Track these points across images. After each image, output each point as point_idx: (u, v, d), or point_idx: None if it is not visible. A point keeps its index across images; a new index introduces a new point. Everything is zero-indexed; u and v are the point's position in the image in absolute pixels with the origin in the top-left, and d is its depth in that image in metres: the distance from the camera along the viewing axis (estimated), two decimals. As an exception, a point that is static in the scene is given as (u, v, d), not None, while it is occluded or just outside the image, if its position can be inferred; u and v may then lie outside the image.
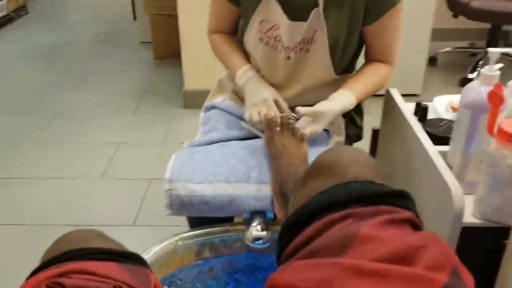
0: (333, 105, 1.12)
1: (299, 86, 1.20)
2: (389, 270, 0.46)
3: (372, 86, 1.20)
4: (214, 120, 1.27)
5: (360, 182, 0.57)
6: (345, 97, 1.13)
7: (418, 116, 1.22)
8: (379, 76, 1.21)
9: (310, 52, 1.15)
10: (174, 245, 1.02)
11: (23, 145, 2.41)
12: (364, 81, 1.19)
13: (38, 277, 0.54)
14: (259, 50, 1.19)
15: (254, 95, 1.16)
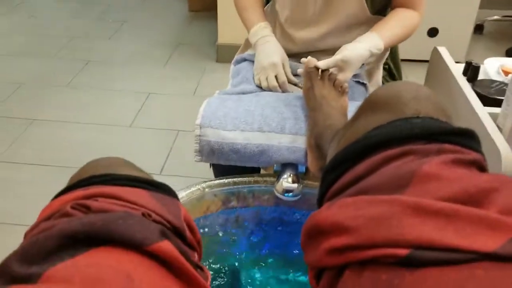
0: (359, 47, 1.05)
1: (329, 24, 1.14)
2: (458, 210, 0.40)
3: (401, 33, 1.12)
4: (244, 72, 1.22)
5: (423, 119, 0.50)
6: (372, 40, 1.07)
7: (468, 76, 1.14)
8: (408, 23, 1.13)
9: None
10: (202, 192, 0.99)
11: (55, 89, 2.41)
12: (392, 26, 1.11)
13: (64, 198, 0.51)
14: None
15: (264, 58, 1.14)
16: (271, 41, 1.15)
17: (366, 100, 0.59)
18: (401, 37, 1.13)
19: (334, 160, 0.53)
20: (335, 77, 1.02)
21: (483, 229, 0.40)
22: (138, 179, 0.55)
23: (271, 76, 1.11)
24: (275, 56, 1.12)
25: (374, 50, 1.06)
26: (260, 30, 1.16)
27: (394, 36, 1.11)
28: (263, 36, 1.15)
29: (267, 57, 1.13)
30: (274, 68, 1.12)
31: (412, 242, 0.40)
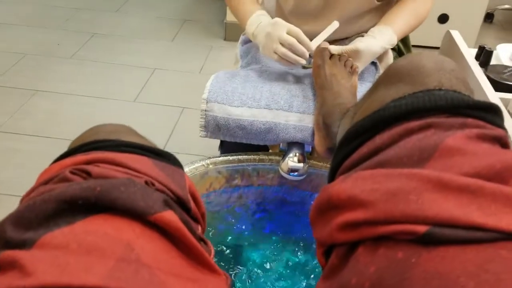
0: (373, 43, 1.02)
1: (335, 16, 1.10)
2: (483, 187, 0.38)
3: (413, 21, 1.09)
4: (254, 51, 1.20)
5: (446, 91, 0.48)
6: (386, 35, 1.04)
7: (481, 60, 1.12)
8: (421, 11, 1.09)
9: None
10: (205, 168, 0.98)
11: (60, 60, 2.39)
12: (405, 16, 1.07)
13: (63, 163, 0.49)
14: None
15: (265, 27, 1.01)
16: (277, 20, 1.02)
17: (386, 71, 0.56)
18: (414, 26, 1.10)
19: (350, 131, 0.50)
20: (346, 57, 1.00)
21: (509, 207, 0.38)
22: (142, 147, 0.53)
23: (281, 34, 0.95)
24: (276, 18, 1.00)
25: (387, 46, 1.04)
26: (257, 17, 1.07)
27: (408, 26, 1.08)
28: (260, 22, 1.05)
29: (266, 26, 1.01)
30: (278, 25, 0.97)
31: (432, 219, 0.38)
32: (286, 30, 0.96)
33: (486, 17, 2.98)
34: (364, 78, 1.11)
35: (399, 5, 1.10)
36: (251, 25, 1.06)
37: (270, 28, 0.98)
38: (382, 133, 0.47)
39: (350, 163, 0.48)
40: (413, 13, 1.08)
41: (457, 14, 2.61)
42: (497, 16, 3.17)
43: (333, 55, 1.01)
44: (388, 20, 1.07)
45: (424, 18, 1.11)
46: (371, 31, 1.05)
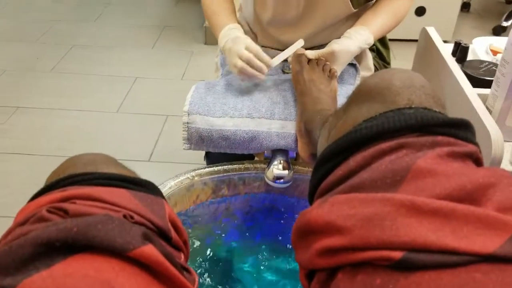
0: (348, 43, 1.03)
1: (314, 24, 1.10)
2: (455, 209, 0.39)
3: (390, 22, 1.10)
4: None
5: (416, 109, 0.48)
6: (362, 35, 1.04)
7: (457, 56, 1.13)
8: (398, 11, 1.10)
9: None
10: (191, 181, 0.98)
11: (40, 75, 2.37)
12: (382, 17, 1.08)
13: (40, 201, 0.48)
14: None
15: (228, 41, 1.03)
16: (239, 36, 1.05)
17: (357, 89, 0.57)
18: (391, 27, 1.11)
19: (325, 153, 0.51)
20: (324, 62, 1.00)
21: (481, 228, 0.38)
22: (119, 178, 0.52)
23: (240, 49, 0.98)
24: (239, 33, 1.03)
25: (364, 46, 1.05)
26: (228, 31, 1.07)
27: (384, 26, 1.09)
28: (231, 36, 1.05)
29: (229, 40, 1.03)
30: (238, 40, 1.00)
31: (407, 244, 0.39)
32: (244, 46, 0.99)
33: (462, 7, 3.02)
34: (345, 81, 1.12)
35: (376, 6, 1.11)
36: (222, 38, 1.07)
37: (231, 43, 1.01)
38: (355, 155, 0.47)
39: (326, 185, 0.49)
40: (390, 13, 1.09)
41: (434, 6, 2.63)
42: (473, 4, 3.21)
43: (311, 60, 1.01)
44: (364, 20, 1.08)
45: (402, 18, 1.11)
46: (347, 32, 1.06)
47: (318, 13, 1.09)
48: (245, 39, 1.01)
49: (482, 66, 1.09)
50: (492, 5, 3.29)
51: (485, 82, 1.03)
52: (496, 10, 3.17)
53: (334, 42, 1.04)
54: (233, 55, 1.00)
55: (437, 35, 1.17)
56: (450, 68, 1.02)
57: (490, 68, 1.08)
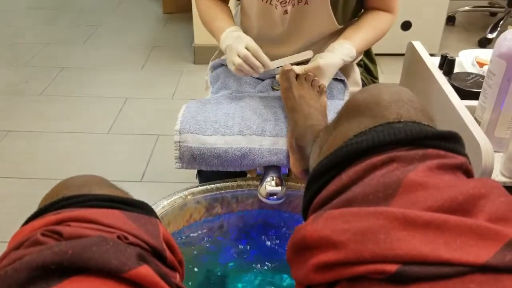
0: (333, 57, 1.04)
1: (300, 41, 1.12)
2: (447, 221, 0.39)
3: (372, 36, 1.12)
4: (223, 77, 1.21)
5: (405, 123, 0.49)
6: (344, 48, 1.06)
7: (444, 69, 1.15)
8: (380, 25, 1.12)
9: (310, 3, 1.07)
10: (184, 200, 0.98)
11: (30, 98, 2.36)
12: (364, 31, 1.10)
13: (34, 225, 0.48)
14: (254, 6, 1.11)
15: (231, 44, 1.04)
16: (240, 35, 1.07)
17: (346, 104, 0.58)
18: (373, 41, 1.13)
19: (317, 169, 0.51)
20: (312, 77, 1.01)
21: (474, 239, 0.39)
22: (113, 199, 0.52)
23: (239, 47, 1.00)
24: (241, 33, 1.05)
25: (347, 58, 1.06)
26: (230, 33, 1.08)
27: (366, 41, 1.11)
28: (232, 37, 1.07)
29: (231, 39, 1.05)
30: (239, 39, 1.02)
31: (401, 257, 0.39)
32: (244, 44, 1.01)
33: (448, 20, 3.06)
34: (334, 96, 1.13)
35: (358, 21, 1.13)
36: (223, 41, 1.08)
37: (232, 41, 1.03)
38: (347, 170, 0.48)
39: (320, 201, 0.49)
40: (372, 28, 1.11)
41: (419, 20, 2.67)
42: (458, 18, 3.26)
43: (299, 75, 1.02)
44: (347, 35, 1.10)
45: (384, 33, 1.13)
46: (331, 46, 1.08)
47: (303, 30, 1.10)
48: (246, 38, 1.03)
49: (469, 78, 1.11)
50: (476, 18, 3.35)
51: (472, 94, 1.04)
52: (481, 23, 3.23)
53: (319, 56, 1.05)
54: (233, 52, 1.02)
55: (424, 49, 1.18)
56: (438, 81, 1.03)
57: (477, 80, 1.10)
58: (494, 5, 3.35)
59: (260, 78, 1.19)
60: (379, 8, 1.13)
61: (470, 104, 0.98)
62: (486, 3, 3.43)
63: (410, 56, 1.24)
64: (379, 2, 1.12)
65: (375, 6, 1.13)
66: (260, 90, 1.15)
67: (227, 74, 1.21)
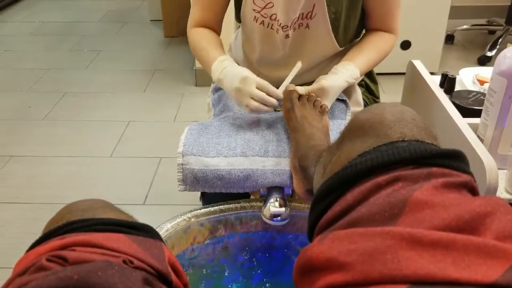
0: (336, 79, 1.05)
1: (302, 63, 1.13)
2: (455, 240, 0.39)
3: (375, 57, 1.13)
4: (225, 99, 1.21)
5: (409, 142, 0.49)
6: (348, 70, 1.07)
7: (445, 88, 1.15)
8: (383, 46, 1.14)
9: (311, 28, 1.08)
10: (187, 223, 0.97)
11: (33, 123, 2.37)
12: (367, 52, 1.12)
13: (38, 250, 0.48)
14: (255, 30, 1.12)
15: (231, 80, 1.03)
16: (233, 65, 1.06)
17: (349, 124, 0.58)
18: (376, 62, 1.14)
19: (322, 190, 0.51)
20: (314, 98, 1.02)
21: (482, 258, 0.38)
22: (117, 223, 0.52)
23: (251, 89, 0.99)
24: (243, 71, 1.02)
25: (351, 80, 1.07)
26: (220, 63, 1.07)
27: (369, 62, 1.12)
28: (226, 66, 1.05)
29: (234, 77, 1.02)
30: (248, 81, 1.00)
31: (409, 277, 0.38)
32: (255, 85, 0.99)
33: (447, 39, 3.09)
34: (336, 116, 1.13)
35: (361, 43, 1.14)
36: (215, 72, 1.07)
37: (241, 84, 1.00)
38: (352, 190, 0.47)
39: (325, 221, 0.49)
40: (375, 49, 1.12)
41: (419, 39, 2.69)
42: (457, 36, 3.29)
43: (301, 96, 1.03)
44: (350, 57, 1.11)
45: (387, 53, 1.14)
46: (334, 68, 1.08)
47: (305, 53, 1.11)
48: (254, 78, 1.00)
49: (470, 96, 1.11)
50: (475, 36, 3.38)
51: (474, 111, 1.04)
52: (479, 41, 3.25)
53: (322, 78, 1.06)
54: (245, 95, 0.99)
55: (424, 68, 1.19)
56: (439, 99, 1.04)
57: (478, 97, 1.10)
58: (492, 23, 3.38)
59: None
60: (380, 29, 1.14)
61: (472, 122, 0.98)
62: (484, 21, 3.46)
63: (410, 75, 1.25)
64: (381, 23, 1.14)
65: (377, 27, 1.15)
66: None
67: (228, 96, 1.21)
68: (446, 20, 2.67)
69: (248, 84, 1.00)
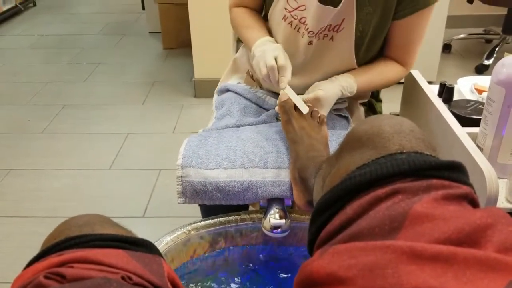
0: (332, 88, 1.05)
1: (317, 74, 1.13)
2: (456, 253, 0.39)
3: (378, 82, 1.14)
4: (228, 104, 1.21)
5: (408, 154, 0.49)
6: (346, 82, 1.07)
7: (443, 97, 1.15)
8: (389, 74, 1.15)
9: (335, 41, 1.09)
10: (187, 235, 0.97)
11: (32, 136, 2.37)
12: (372, 74, 1.12)
13: (36, 267, 0.47)
14: (281, 29, 1.13)
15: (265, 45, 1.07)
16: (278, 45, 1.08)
17: (348, 136, 0.58)
18: (378, 86, 1.15)
19: (321, 203, 0.51)
20: (312, 108, 1.02)
21: (483, 271, 0.38)
22: (116, 238, 0.52)
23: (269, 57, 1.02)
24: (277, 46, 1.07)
25: (345, 92, 1.07)
26: (264, 41, 1.09)
27: (371, 83, 1.13)
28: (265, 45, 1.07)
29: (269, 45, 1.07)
30: (274, 48, 1.04)
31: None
32: (275, 54, 1.02)
33: (444, 48, 3.10)
34: (336, 128, 1.13)
35: (371, 63, 1.15)
36: (256, 48, 1.09)
37: (267, 47, 1.05)
38: (352, 203, 0.47)
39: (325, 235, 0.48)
40: (379, 74, 1.13)
41: (416, 48, 2.70)
42: (454, 46, 3.30)
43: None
44: (354, 71, 1.11)
45: (391, 83, 1.15)
46: (333, 77, 1.09)
47: (322, 64, 1.12)
48: (279, 48, 1.05)
49: (469, 105, 1.11)
50: (471, 45, 3.39)
51: (473, 120, 1.04)
52: (476, 50, 3.27)
53: (318, 87, 1.06)
54: (262, 61, 1.03)
55: (422, 78, 1.19)
56: (438, 109, 1.04)
57: (477, 106, 1.10)
58: (489, 32, 3.40)
59: (265, 108, 1.20)
60: (395, 59, 1.15)
61: (472, 131, 0.98)
62: (481, 31, 3.48)
63: (409, 85, 1.25)
64: (397, 54, 1.14)
65: (392, 56, 1.15)
66: (264, 120, 1.16)
67: (232, 101, 1.21)
68: (443, 29, 2.68)
69: (271, 50, 1.03)
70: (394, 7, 1.05)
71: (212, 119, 1.22)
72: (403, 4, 1.05)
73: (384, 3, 1.04)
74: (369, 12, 1.05)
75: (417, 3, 1.04)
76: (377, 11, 1.05)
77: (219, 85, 1.30)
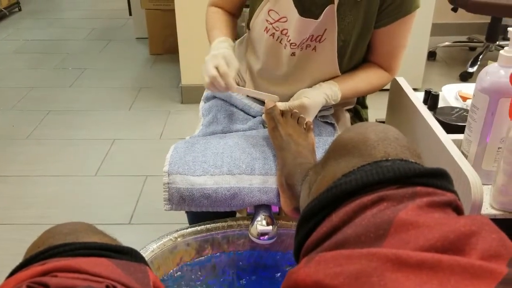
0: (317, 96, 1.06)
1: (301, 84, 1.14)
2: (440, 261, 0.39)
3: (363, 88, 1.15)
4: (215, 111, 1.21)
5: (393, 161, 0.49)
6: (331, 90, 1.08)
7: (429, 104, 1.17)
8: (374, 81, 1.15)
9: (318, 51, 1.09)
10: (174, 242, 0.97)
11: (17, 142, 2.34)
12: (357, 81, 1.13)
13: (19, 276, 0.46)
14: (263, 40, 1.13)
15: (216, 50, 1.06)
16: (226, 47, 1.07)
17: (334, 143, 0.58)
18: (363, 92, 1.15)
19: (307, 211, 0.51)
20: (298, 114, 1.02)
21: (468, 279, 0.38)
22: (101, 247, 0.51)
23: (222, 65, 1.01)
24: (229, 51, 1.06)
25: (330, 100, 1.08)
26: (218, 44, 1.08)
27: (356, 90, 1.13)
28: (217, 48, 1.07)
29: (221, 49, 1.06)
30: (215, 59, 1.03)
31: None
32: (215, 63, 1.02)
33: (429, 55, 3.13)
34: (322, 135, 1.14)
35: (356, 70, 1.15)
36: (210, 51, 1.09)
37: (208, 57, 1.05)
38: (337, 211, 0.47)
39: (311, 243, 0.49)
40: (364, 80, 1.13)
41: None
42: (439, 53, 3.34)
43: (285, 113, 1.03)
44: (339, 79, 1.12)
45: (376, 89, 1.16)
46: (318, 84, 1.09)
47: (306, 74, 1.12)
48: (219, 56, 1.03)
49: (453, 112, 1.12)
50: (456, 53, 3.43)
51: (458, 127, 1.06)
52: (461, 57, 3.31)
53: (303, 94, 1.06)
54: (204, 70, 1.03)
55: (408, 85, 1.21)
56: (423, 116, 1.05)
57: (462, 114, 1.12)
58: (473, 40, 3.45)
59: (251, 115, 1.20)
60: (380, 65, 1.16)
61: (456, 138, 0.99)
62: (465, 38, 3.52)
63: (394, 92, 1.26)
64: (381, 60, 1.15)
65: (377, 62, 1.16)
66: (251, 127, 1.16)
67: (219, 108, 1.21)
68: (428, 37, 2.72)
69: (211, 60, 1.03)
70: (376, 15, 1.06)
71: (198, 126, 1.22)
72: (384, 12, 1.06)
73: (365, 12, 1.05)
74: (350, 22, 1.05)
75: (398, 11, 1.05)
76: (359, 20, 1.06)
77: (205, 93, 1.30)
